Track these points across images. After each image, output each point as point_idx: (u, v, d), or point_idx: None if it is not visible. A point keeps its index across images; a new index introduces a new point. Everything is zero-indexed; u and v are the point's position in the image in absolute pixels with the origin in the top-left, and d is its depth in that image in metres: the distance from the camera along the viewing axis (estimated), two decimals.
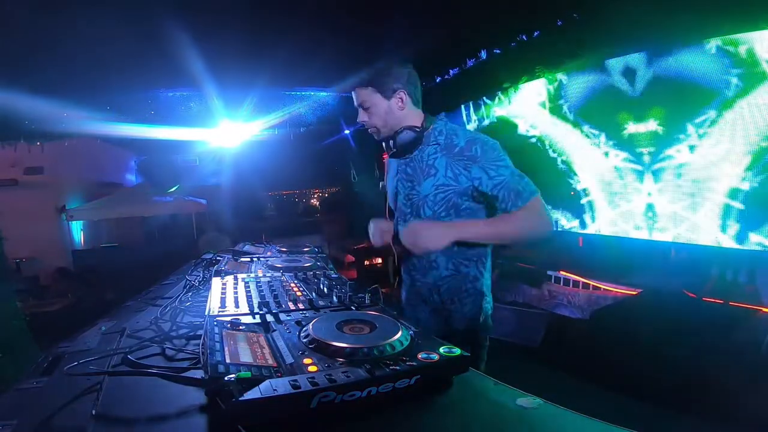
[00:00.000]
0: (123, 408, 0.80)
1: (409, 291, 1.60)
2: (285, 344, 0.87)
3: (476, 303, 1.49)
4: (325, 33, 3.28)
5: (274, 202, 13.77)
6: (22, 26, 2.70)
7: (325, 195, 14.86)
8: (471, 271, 1.47)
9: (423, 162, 1.45)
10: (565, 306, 4.06)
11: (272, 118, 4.26)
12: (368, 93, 1.43)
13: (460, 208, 1.40)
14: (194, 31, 2.83)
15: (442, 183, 1.40)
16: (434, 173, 1.42)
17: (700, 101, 2.70)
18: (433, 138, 1.45)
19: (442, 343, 0.87)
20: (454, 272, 1.46)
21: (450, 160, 1.40)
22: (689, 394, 2.50)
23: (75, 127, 3.59)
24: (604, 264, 3.80)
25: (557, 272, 4.22)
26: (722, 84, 2.58)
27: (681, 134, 2.83)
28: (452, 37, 3.51)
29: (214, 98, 3.90)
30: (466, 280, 1.47)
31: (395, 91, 1.42)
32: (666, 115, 2.92)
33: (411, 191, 1.48)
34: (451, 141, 1.42)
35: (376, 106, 1.44)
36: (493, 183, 1.34)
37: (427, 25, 3.24)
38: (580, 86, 3.47)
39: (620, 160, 3.28)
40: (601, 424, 0.73)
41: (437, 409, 0.79)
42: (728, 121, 2.57)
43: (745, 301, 2.82)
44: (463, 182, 1.37)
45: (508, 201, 1.33)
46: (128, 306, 1.65)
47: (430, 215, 1.43)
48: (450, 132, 1.44)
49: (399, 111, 1.44)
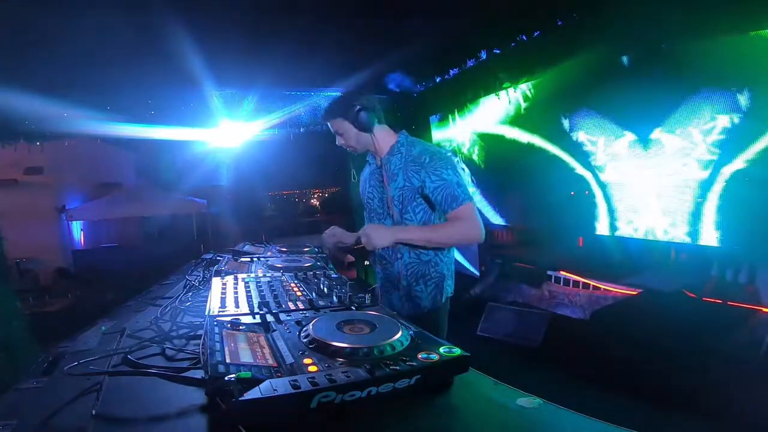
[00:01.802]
0: (123, 408, 0.80)
1: (382, 279, 1.84)
2: (285, 344, 0.87)
3: (439, 285, 1.73)
4: (325, 33, 3.28)
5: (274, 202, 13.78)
6: (21, 25, 2.70)
7: (325, 195, 14.88)
8: (429, 257, 1.71)
9: (389, 170, 1.72)
10: (565, 306, 4.06)
11: (272, 118, 4.26)
12: (338, 122, 1.70)
13: (413, 205, 1.67)
14: (194, 30, 2.83)
15: (402, 185, 1.68)
16: (396, 178, 1.70)
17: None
18: (397, 149, 1.72)
19: (442, 343, 0.87)
20: (416, 259, 1.71)
21: (406, 167, 1.68)
22: (689, 394, 2.50)
23: (75, 127, 3.58)
24: (604, 264, 3.80)
25: (557, 272, 4.22)
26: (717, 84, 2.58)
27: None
28: (452, 37, 3.51)
29: (214, 98, 3.90)
30: (428, 266, 1.71)
31: (358, 115, 1.65)
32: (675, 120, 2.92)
33: (383, 194, 1.76)
34: (410, 151, 1.70)
35: (347, 131, 1.70)
36: (434, 186, 1.61)
37: (427, 25, 3.24)
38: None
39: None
40: (601, 424, 0.73)
41: (437, 409, 0.79)
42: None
43: (745, 301, 2.82)
44: (415, 183, 1.65)
45: (444, 203, 1.60)
46: (128, 306, 1.65)
47: (396, 212, 1.70)
48: (409, 143, 1.73)
49: (366, 131, 1.69)
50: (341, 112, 1.69)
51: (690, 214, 2.88)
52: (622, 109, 3.21)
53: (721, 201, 2.70)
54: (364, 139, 1.72)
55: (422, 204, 1.67)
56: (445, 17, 3.13)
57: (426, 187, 1.62)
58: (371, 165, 1.86)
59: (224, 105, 4.02)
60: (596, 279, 3.87)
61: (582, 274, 3.99)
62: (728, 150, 2.62)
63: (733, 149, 2.59)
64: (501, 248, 5.04)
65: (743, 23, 2.33)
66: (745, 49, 2.43)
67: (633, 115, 3.14)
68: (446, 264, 1.74)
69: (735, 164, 2.60)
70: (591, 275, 3.91)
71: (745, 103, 2.49)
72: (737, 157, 2.58)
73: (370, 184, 1.83)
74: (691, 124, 2.77)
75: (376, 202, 1.80)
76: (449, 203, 1.59)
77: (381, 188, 1.76)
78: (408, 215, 1.68)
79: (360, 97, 1.70)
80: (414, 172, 1.65)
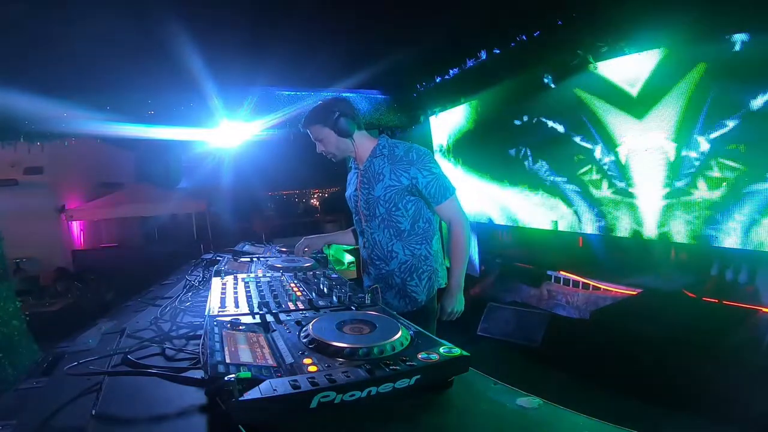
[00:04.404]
0: (123, 408, 0.80)
1: (375, 279, 1.87)
2: (285, 344, 0.87)
3: (431, 278, 1.81)
4: (325, 33, 3.28)
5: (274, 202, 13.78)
6: (21, 25, 2.70)
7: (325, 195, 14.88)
8: (423, 252, 1.79)
9: (374, 171, 1.78)
10: (564, 306, 4.06)
11: (272, 118, 4.26)
12: (317, 129, 1.77)
13: (404, 202, 1.74)
14: (194, 30, 2.83)
15: (389, 185, 1.74)
16: (382, 178, 1.75)
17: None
18: (379, 152, 1.79)
19: (442, 343, 0.87)
20: (411, 256, 1.79)
21: (393, 166, 1.74)
22: (689, 393, 2.50)
23: (75, 127, 3.57)
24: (604, 264, 3.80)
25: (557, 272, 4.22)
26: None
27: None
28: (452, 37, 3.50)
29: (214, 98, 3.90)
30: (420, 260, 1.79)
31: (337, 121, 1.72)
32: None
33: (368, 195, 1.81)
34: (393, 152, 1.77)
35: (327, 137, 1.77)
36: (426, 181, 1.70)
37: (427, 25, 3.24)
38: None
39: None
40: (601, 424, 0.74)
41: (437, 409, 0.79)
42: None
43: (745, 301, 2.82)
44: (404, 182, 1.72)
45: (437, 195, 1.71)
46: (128, 306, 1.66)
47: (384, 212, 1.77)
48: (391, 145, 1.79)
49: (346, 137, 1.76)
50: (321, 118, 1.75)
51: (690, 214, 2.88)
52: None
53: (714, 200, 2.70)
54: (344, 145, 1.79)
55: (412, 199, 1.75)
56: (445, 17, 3.13)
57: (419, 182, 1.71)
58: (354, 169, 1.92)
59: (224, 105, 4.02)
60: (596, 279, 3.87)
61: (582, 274, 3.99)
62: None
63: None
64: (497, 245, 5.06)
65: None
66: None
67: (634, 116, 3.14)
68: (434, 257, 1.83)
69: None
70: (591, 275, 3.91)
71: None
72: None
73: (356, 188, 1.88)
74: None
75: (362, 204, 1.85)
76: (442, 194, 1.71)
77: (365, 190, 1.81)
78: (399, 212, 1.76)
79: (339, 104, 1.76)
80: (403, 170, 1.72)
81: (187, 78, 3.46)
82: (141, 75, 3.54)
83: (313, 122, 1.78)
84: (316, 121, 1.77)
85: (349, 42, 3.45)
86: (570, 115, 3.58)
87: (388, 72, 3.87)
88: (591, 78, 3.29)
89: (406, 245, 1.78)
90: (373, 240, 1.83)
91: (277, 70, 3.81)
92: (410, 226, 1.77)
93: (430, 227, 1.81)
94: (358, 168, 1.87)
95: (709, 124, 2.65)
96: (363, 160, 1.82)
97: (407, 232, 1.77)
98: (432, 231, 1.82)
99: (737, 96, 2.48)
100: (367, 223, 1.85)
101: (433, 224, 1.82)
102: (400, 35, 3.38)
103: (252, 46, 3.29)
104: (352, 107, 1.80)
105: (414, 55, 3.70)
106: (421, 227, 1.78)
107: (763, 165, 2.43)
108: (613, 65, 3.11)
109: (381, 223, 1.79)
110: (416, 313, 1.76)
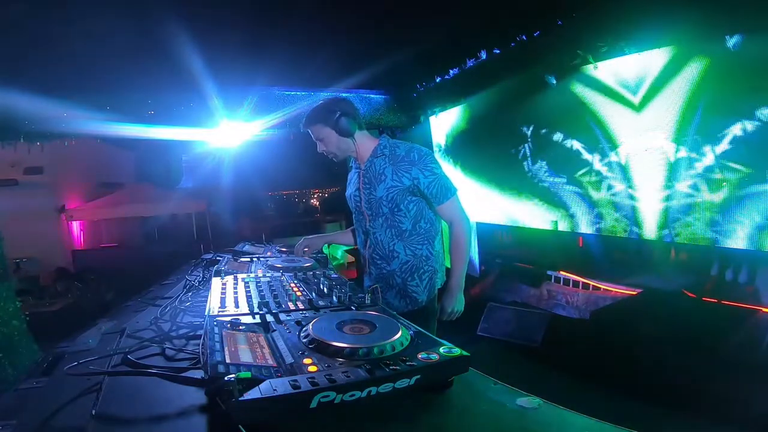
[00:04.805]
0: (123, 408, 0.80)
1: (376, 279, 1.87)
2: (285, 344, 0.87)
3: (431, 279, 1.81)
4: (325, 33, 3.28)
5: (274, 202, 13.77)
6: (21, 25, 2.70)
7: (325, 195, 14.87)
8: (424, 252, 1.79)
9: (375, 171, 1.78)
10: (564, 306, 4.06)
11: (272, 118, 4.26)
12: (318, 128, 1.77)
13: (406, 202, 1.74)
14: (194, 30, 2.83)
15: (391, 185, 1.74)
16: (384, 179, 1.75)
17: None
18: (380, 152, 1.78)
19: (442, 343, 0.87)
20: (412, 256, 1.78)
21: (395, 167, 1.74)
22: (689, 393, 2.50)
23: (75, 127, 3.57)
24: (604, 264, 3.80)
25: (557, 272, 4.22)
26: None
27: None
28: (452, 37, 3.51)
29: (214, 98, 3.90)
30: (421, 260, 1.79)
31: (338, 120, 1.71)
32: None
33: (370, 195, 1.81)
34: (394, 152, 1.77)
35: (328, 137, 1.76)
36: (428, 181, 1.71)
37: (427, 25, 3.24)
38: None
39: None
40: (601, 424, 0.74)
41: (437, 409, 0.79)
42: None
43: (745, 301, 2.82)
44: (406, 182, 1.72)
45: (439, 195, 1.72)
46: (128, 306, 1.66)
47: (386, 212, 1.77)
48: (392, 145, 1.79)
49: (347, 136, 1.75)
50: (322, 118, 1.75)
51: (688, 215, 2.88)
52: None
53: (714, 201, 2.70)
54: (345, 144, 1.78)
55: (413, 200, 1.75)
56: (445, 17, 3.13)
57: (420, 183, 1.71)
58: (355, 169, 1.91)
59: (224, 105, 4.02)
60: (596, 279, 3.87)
61: (582, 274, 3.99)
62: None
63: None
64: (501, 248, 5.05)
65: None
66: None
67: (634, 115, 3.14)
68: (436, 258, 1.83)
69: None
70: (591, 275, 3.91)
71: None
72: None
73: (357, 188, 1.88)
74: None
75: (364, 204, 1.85)
76: (444, 194, 1.72)
77: (367, 190, 1.81)
78: (401, 212, 1.76)
79: (340, 104, 1.76)
80: (404, 171, 1.72)
81: (187, 78, 3.46)
82: (141, 75, 3.54)
83: (314, 122, 1.77)
84: (317, 121, 1.77)
85: (349, 42, 3.45)
86: (570, 115, 3.57)
87: (388, 72, 3.87)
88: (591, 78, 3.30)
89: (408, 245, 1.78)
90: (376, 239, 1.83)
91: (277, 70, 3.81)
92: (411, 226, 1.77)
93: (432, 228, 1.81)
94: (359, 168, 1.86)
95: (709, 124, 2.64)
96: (364, 160, 1.82)
97: (408, 232, 1.77)
98: (434, 231, 1.82)
99: (738, 96, 2.48)
100: (371, 222, 1.84)
101: (435, 225, 1.82)
102: (400, 35, 3.37)
103: (252, 46, 3.29)
104: (353, 107, 1.80)
105: (414, 55, 3.70)
106: (423, 227, 1.78)
107: (763, 165, 2.43)
108: (613, 65, 3.11)
109: (384, 222, 1.79)
110: (416, 313, 1.76)
